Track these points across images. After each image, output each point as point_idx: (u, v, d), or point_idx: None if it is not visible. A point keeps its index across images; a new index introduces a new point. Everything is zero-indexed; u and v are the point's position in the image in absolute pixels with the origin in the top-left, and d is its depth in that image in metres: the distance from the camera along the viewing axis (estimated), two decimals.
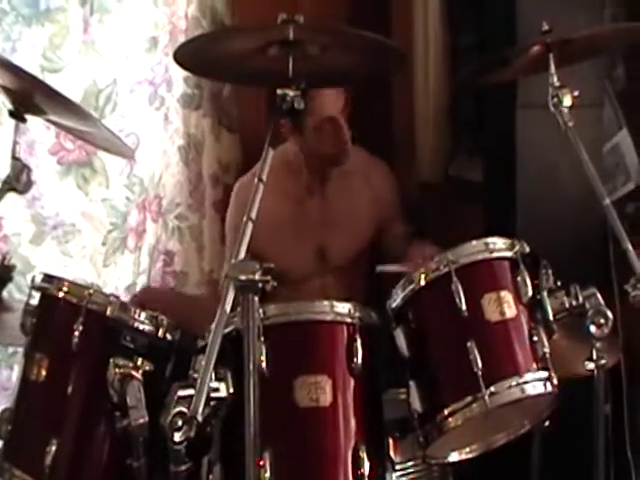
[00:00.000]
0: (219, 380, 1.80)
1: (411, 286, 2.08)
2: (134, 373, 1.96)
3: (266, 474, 1.89)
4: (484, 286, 2.06)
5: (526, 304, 2.07)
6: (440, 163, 3.37)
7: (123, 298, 2.52)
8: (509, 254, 2.10)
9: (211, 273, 3.33)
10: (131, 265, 3.10)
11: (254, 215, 1.83)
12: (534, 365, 2.02)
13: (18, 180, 2.18)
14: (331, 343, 2.02)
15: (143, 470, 1.94)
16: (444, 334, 2.07)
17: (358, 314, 2.04)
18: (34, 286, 2.17)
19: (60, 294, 2.12)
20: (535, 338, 2.03)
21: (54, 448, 2.01)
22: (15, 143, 2.19)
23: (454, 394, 2.00)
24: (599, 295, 2.08)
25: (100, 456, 2.06)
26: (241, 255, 1.80)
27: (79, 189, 2.96)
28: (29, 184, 2.21)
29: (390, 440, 2.11)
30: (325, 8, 3.11)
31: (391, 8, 3.46)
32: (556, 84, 2.18)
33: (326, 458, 1.98)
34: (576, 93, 2.17)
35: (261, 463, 1.86)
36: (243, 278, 1.74)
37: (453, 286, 2.02)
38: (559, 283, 2.11)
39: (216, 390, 1.79)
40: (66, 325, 2.06)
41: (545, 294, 2.08)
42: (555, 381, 2.03)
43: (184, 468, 1.75)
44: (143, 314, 2.09)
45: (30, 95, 2.17)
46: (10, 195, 2.20)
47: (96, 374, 2.01)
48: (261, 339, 1.88)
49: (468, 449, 2.14)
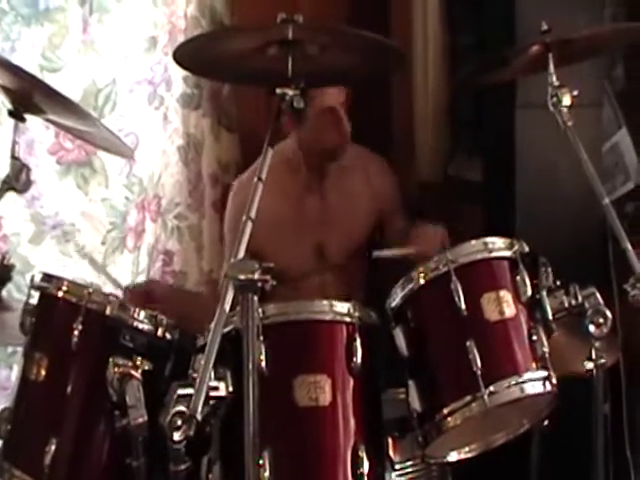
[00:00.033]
0: (218, 379, 1.80)
1: (410, 285, 2.08)
2: (133, 372, 1.96)
3: (265, 473, 1.89)
4: (483, 285, 2.06)
5: (525, 303, 2.07)
6: (439, 163, 3.38)
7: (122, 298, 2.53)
8: (508, 254, 2.10)
9: (210, 273, 3.33)
10: (130, 265, 3.10)
11: (253, 214, 1.83)
12: (533, 364, 2.02)
13: (17, 180, 2.18)
14: (330, 342, 2.02)
15: (142, 469, 1.94)
16: (443, 333, 2.07)
17: (357, 313, 2.04)
18: (33, 285, 2.16)
19: (59, 293, 2.12)
20: (534, 337, 2.03)
21: (53, 448, 2.00)
22: (14, 143, 2.19)
23: (453, 393, 2.00)
24: (598, 294, 2.08)
25: (99, 455, 2.05)
26: (240, 254, 1.80)
27: (78, 189, 2.96)
28: (28, 184, 2.21)
29: (389, 439, 2.11)
30: (324, 8, 3.11)
31: (390, 8, 3.47)
32: (555, 84, 2.18)
33: (325, 457, 1.98)
34: (575, 93, 2.17)
35: (260, 462, 1.87)
36: (242, 277, 1.75)
37: (452, 285, 2.02)
38: (558, 282, 2.11)
39: (215, 389, 1.79)
40: (65, 324, 2.06)
41: (544, 293, 2.08)
42: (554, 380, 2.03)
43: (183, 467, 1.75)
44: (142, 313, 2.08)
45: (29, 95, 2.17)
46: (9, 195, 2.19)
47: (95, 373, 2.01)
48: (260, 338, 1.88)
49: (467, 448, 2.14)
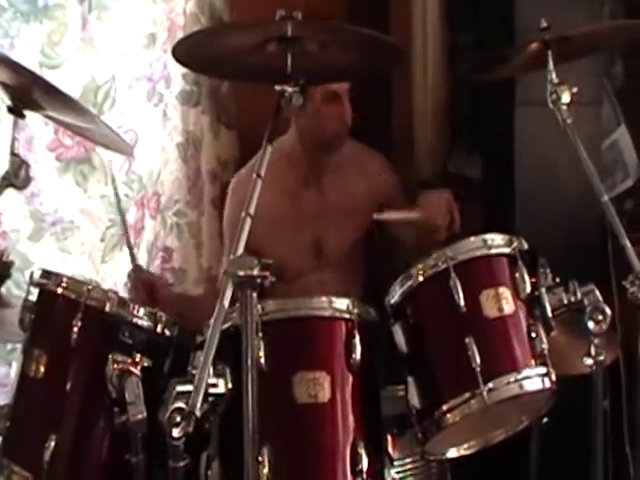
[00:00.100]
0: (217, 376, 1.80)
1: (409, 282, 2.08)
2: (132, 369, 1.97)
3: (264, 470, 1.89)
4: (482, 282, 2.06)
5: (524, 300, 2.07)
6: (439, 160, 3.37)
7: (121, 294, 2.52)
8: (507, 250, 2.10)
9: (210, 270, 3.33)
10: (129, 262, 3.09)
11: (252, 211, 1.83)
12: (532, 361, 2.02)
13: (17, 176, 2.17)
14: (329, 339, 2.02)
15: (142, 466, 1.94)
16: (442, 330, 2.07)
17: (357, 310, 2.03)
18: (32, 282, 2.16)
19: (59, 290, 2.12)
20: (533, 334, 2.03)
21: (53, 444, 2.00)
22: (14, 139, 2.18)
23: (452, 390, 2.00)
24: (597, 291, 2.08)
25: (99, 452, 2.06)
26: (239, 251, 1.80)
27: (78, 186, 2.96)
28: (28, 180, 2.21)
29: (388, 436, 2.11)
30: (323, 4, 3.11)
31: (390, 5, 3.47)
32: (555, 81, 2.18)
33: (324, 454, 1.97)
34: (575, 90, 2.17)
35: (259, 459, 1.87)
36: (241, 274, 1.75)
37: (451, 282, 2.02)
38: (557, 279, 2.11)
39: (214, 386, 1.79)
40: (65, 321, 2.06)
41: (543, 290, 2.07)
42: (553, 377, 2.03)
43: (183, 464, 1.75)
44: (142, 310, 2.09)
45: (29, 91, 2.16)
46: (9, 191, 2.19)
47: (95, 370, 2.01)
48: (259, 335, 1.88)
49: (466, 445, 2.14)
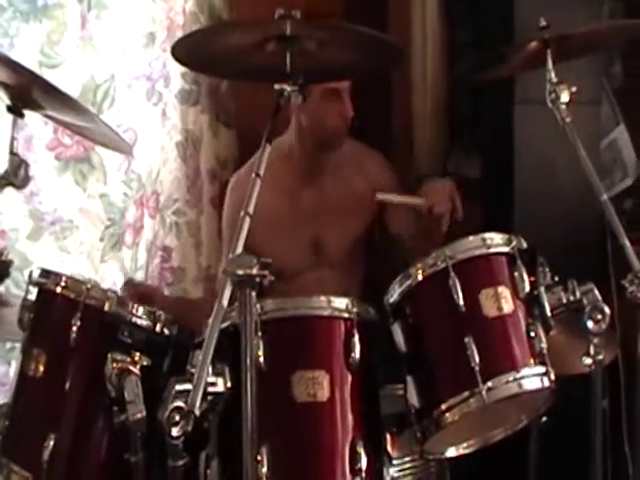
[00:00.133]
0: (216, 375, 1.80)
1: (408, 281, 2.08)
2: (132, 368, 1.97)
3: (263, 469, 1.90)
4: (481, 281, 2.06)
5: (523, 299, 2.07)
6: (438, 159, 3.37)
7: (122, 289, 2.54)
8: (506, 249, 2.10)
9: (209, 269, 3.33)
10: (129, 261, 3.09)
11: (251, 210, 1.83)
12: (531, 360, 2.02)
13: (16, 175, 2.17)
14: (328, 338, 2.02)
15: (141, 465, 1.94)
16: (441, 329, 2.07)
17: (356, 309, 2.04)
18: (31, 281, 2.16)
19: (58, 289, 2.12)
20: (532, 333, 2.03)
21: (52, 443, 2.00)
22: (13, 138, 2.18)
23: (451, 389, 2.00)
24: (596, 291, 2.08)
25: (98, 451, 2.06)
26: (238, 250, 1.80)
27: (77, 185, 2.96)
28: (27, 179, 2.21)
29: (387, 435, 2.11)
30: (322, 3, 3.11)
31: (388, 4, 3.46)
32: (554, 80, 2.18)
33: (323, 453, 1.98)
34: (574, 89, 2.17)
35: (258, 458, 1.87)
36: (240, 273, 1.75)
37: (450, 281, 2.02)
38: (556, 278, 2.11)
39: (213, 385, 1.79)
40: (64, 320, 2.06)
41: (542, 289, 2.07)
42: (552, 376, 2.03)
43: (182, 463, 1.75)
44: (141, 309, 2.09)
45: (28, 90, 2.17)
46: (8, 190, 2.19)
47: (94, 369, 2.01)
48: (258, 334, 1.88)
49: (465, 444, 2.14)
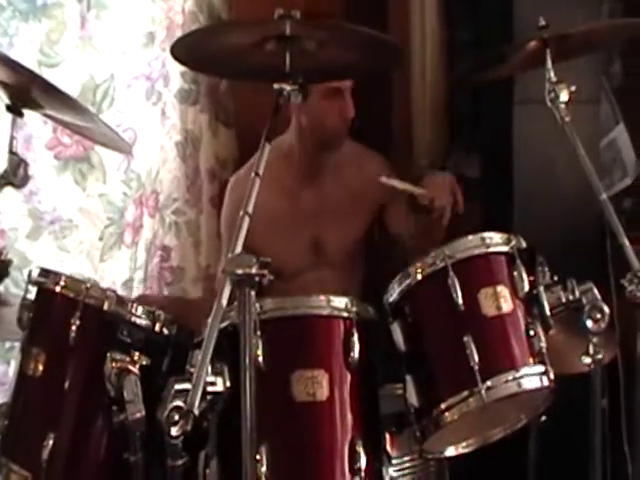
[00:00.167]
0: (216, 374, 1.80)
1: (408, 281, 2.08)
2: (131, 367, 1.97)
3: (263, 468, 1.90)
4: (481, 281, 2.06)
5: (523, 299, 2.07)
6: (437, 159, 3.37)
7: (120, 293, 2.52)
8: (505, 249, 2.10)
9: (208, 268, 3.33)
10: (128, 260, 3.10)
11: (251, 209, 1.83)
12: (530, 359, 2.02)
13: (15, 175, 2.17)
14: (328, 337, 2.02)
15: (140, 464, 1.94)
16: (441, 329, 2.07)
17: (355, 308, 2.04)
18: (31, 281, 2.17)
19: (57, 288, 2.12)
20: (531, 333, 2.03)
21: (51, 442, 2.00)
22: (12, 138, 2.18)
23: (451, 388, 2.00)
24: (596, 290, 2.08)
25: (97, 450, 2.06)
26: (238, 249, 1.80)
27: (76, 184, 2.96)
28: (26, 179, 2.21)
29: (387, 434, 2.11)
30: (322, 3, 3.11)
31: (388, 4, 3.46)
32: (553, 80, 2.18)
33: (323, 452, 1.98)
34: (573, 89, 2.17)
35: (257, 457, 1.87)
36: (240, 272, 1.75)
37: (450, 281, 2.02)
38: (556, 278, 2.11)
39: (213, 384, 1.79)
40: (63, 319, 2.06)
41: (542, 289, 2.07)
42: (551, 375, 2.03)
43: (181, 462, 1.75)
44: (140, 308, 2.09)
45: (27, 90, 2.17)
46: (7, 190, 2.19)
47: (93, 368, 2.01)
48: (258, 333, 1.88)
49: (465, 444, 2.14)
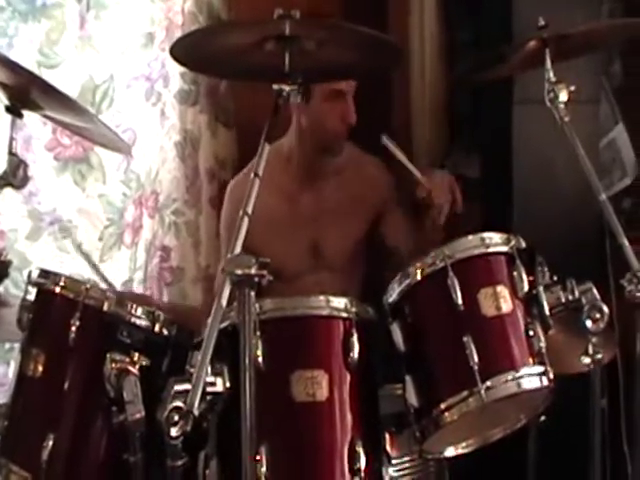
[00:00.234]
0: (215, 375, 1.80)
1: (407, 281, 2.08)
2: (131, 368, 1.97)
3: (262, 469, 1.90)
4: (480, 281, 2.06)
5: (522, 299, 2.07)
6: (437, 159, 3.37)
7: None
8: (505, 249, 2.10)
9: (207, 268, 3.33)
10: (127, 261, 3.10)
11: (250, 210, 1.83)
12: (530, 360, 2.02)
13: (15, 176, 2.17)
14: (327, 338, 2.02)
15: (140, 465, 1.94)
16: (440, 329, 2.07)
17: (354, 309, 2.04)
18: (30, 281, 2.17)
19: (57, 289, 2.12)
20: (531, 333, 2.03)
21: (51, 443, 2.00)
22: (12, 139, 2.19)
23: (450, 388, 2.00)
24: (595, 290, 2.08)
25: (97, 451, 2.06)
26: (237, 250, 1.80)
27: (76, 185, 2.96)
28: (26, 180, 2.21)
29: (386, 435, 2.11)
30: (321, 3, 3.11)
31: (387, 4, 3.46)
32: (552, 80, 2.18)
33: (322, 453, 1.98)
34: (572, 88, 2.17)
35: (257, 458, 1.87)
36: (239, 272, 1.75)
37: (449, 281, 2.02)
38: (555, 278, 2.11)
39: (212, 385, 1.79)
40: (63, 320, 2.06)
41: (541, 289, 2.07)
42: (551, 375, 2.03)
43: (181, 463, 1.75)
44: (140, 309, 2.09)
45: (27, 91, 2.17)
46: (7, 190, 2.19)
47: (93, 369, 2.01)
48: (257, 334, 1.88)
49: (464, 444, 2.14)
